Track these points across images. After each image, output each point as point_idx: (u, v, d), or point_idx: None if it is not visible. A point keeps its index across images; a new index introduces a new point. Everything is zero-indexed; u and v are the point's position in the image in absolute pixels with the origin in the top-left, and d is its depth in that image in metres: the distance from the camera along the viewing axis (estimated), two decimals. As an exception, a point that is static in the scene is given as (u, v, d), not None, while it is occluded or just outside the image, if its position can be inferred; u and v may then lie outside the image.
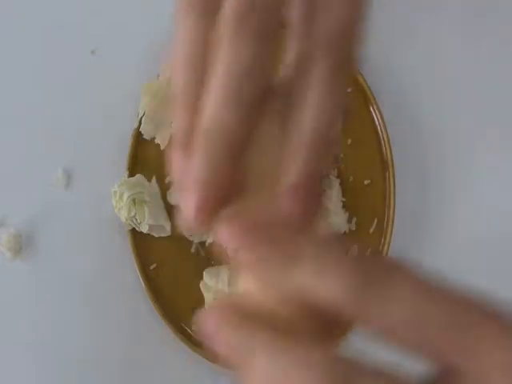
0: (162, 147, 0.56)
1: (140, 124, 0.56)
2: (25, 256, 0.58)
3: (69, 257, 0.58)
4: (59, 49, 0.59)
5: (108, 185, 0.55)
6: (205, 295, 0.55)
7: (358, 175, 0.57)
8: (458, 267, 0.37)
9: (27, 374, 0.57)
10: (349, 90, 0.56)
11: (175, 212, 0.54)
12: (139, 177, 0.56)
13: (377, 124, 0.57)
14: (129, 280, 0.57)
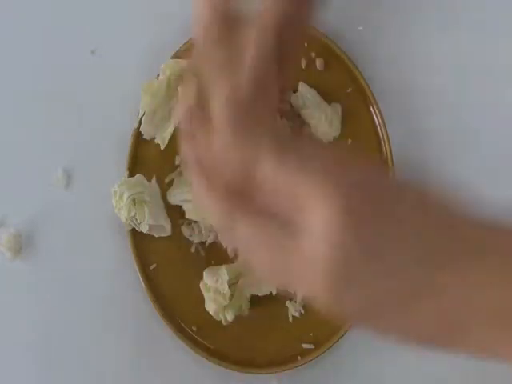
0: (162, 147, 0.56)
1: (140, 124, 0.56)
2: (25, 256, 0.58)
3: (69, 257, 0.58)
4: (59, 49, 0.59)
5: (108, 185, 0.55)
6: (205, 295, 0.55)
7: (358, 175, 0.57)
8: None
9: (27, 374, 0.57)
10: (349, 90, 0.57)
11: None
12: (139, 177, 0.56)
13: (377, 124, 0.57)
14: (129, 280, 0.57)
